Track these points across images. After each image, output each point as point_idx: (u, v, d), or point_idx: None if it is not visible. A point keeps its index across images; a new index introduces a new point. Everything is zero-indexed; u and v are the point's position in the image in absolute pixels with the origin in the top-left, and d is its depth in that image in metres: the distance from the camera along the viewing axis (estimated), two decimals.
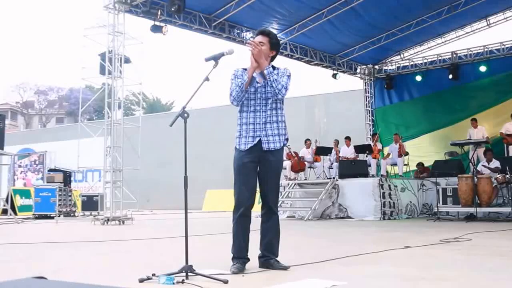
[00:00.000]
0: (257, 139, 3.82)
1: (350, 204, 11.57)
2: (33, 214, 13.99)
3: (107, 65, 10.89)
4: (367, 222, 10.49)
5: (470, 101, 14.95)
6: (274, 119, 3.88)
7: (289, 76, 3.90)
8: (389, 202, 11.36)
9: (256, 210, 3.89)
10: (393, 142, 14.04)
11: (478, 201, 10.23)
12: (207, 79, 3.64)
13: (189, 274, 3.40)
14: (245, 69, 3.91)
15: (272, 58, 3.99)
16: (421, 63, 16.36)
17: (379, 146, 14.08)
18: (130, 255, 5.28)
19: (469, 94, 15.11)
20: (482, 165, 11.30)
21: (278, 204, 4.05)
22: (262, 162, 3.85)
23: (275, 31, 13.86)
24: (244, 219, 3.83)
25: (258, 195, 3.92)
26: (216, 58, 3.72)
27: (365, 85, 17.50)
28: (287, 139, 3.97)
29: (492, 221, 9.93)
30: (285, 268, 3.80)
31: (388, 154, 13.95)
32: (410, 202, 11.90)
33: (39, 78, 67.81)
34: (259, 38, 3.93)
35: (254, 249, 3.95)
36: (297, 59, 15.03)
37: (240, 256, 3.81)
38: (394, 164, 13.92)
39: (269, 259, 3.86)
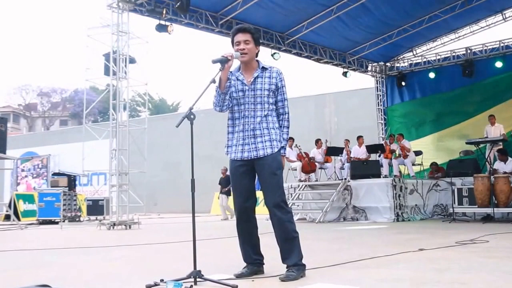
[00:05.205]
0: (246, 147, 3.68)
1: (365, 206, 11.31)
2: (37, 220, 13.77)
3: (112, 65, 10.73)
4: (380, 224, 10.27)
5: (485, 97, 14.55)
6: (264, 125, 3.68)
7: (284, 86, 3.80)
8: (400, 203, 11.10)
9: (264, 212, 3.79)
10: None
11: (495, 202, 9.93)
12: (213, 81, 3.61)
13: (198, 279, 3.38)
14: (234, 71, 3.78)
15: (257, 55, 3.82)
16: (434, 60, 16.07)
17: (393, 146, 13.71)
18: (137, 261, 5.15)
19: (485, 90, 14.73)
20: (503, 171, 10.88)
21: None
22: (256, 167, 3.70)
23: (283, 29, 13.80)
24: (244, 223, 3.76)
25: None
26: (222, 62, 3.61)
27: (377, 83, 17.26)
28: (283, 147, 3.73)
29: (510, 222, 9.67)
30: (281, 279, 3.49)
31: (399, 155, 13.64)
32: (416, 205, 11.64)
33: (42, 80, 67.46)
34: (242, 37, 3.69)
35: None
36: (306, 57, 14.82)
37: (247, 260, 3.77)
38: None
39: (286, 268, 3.62)
